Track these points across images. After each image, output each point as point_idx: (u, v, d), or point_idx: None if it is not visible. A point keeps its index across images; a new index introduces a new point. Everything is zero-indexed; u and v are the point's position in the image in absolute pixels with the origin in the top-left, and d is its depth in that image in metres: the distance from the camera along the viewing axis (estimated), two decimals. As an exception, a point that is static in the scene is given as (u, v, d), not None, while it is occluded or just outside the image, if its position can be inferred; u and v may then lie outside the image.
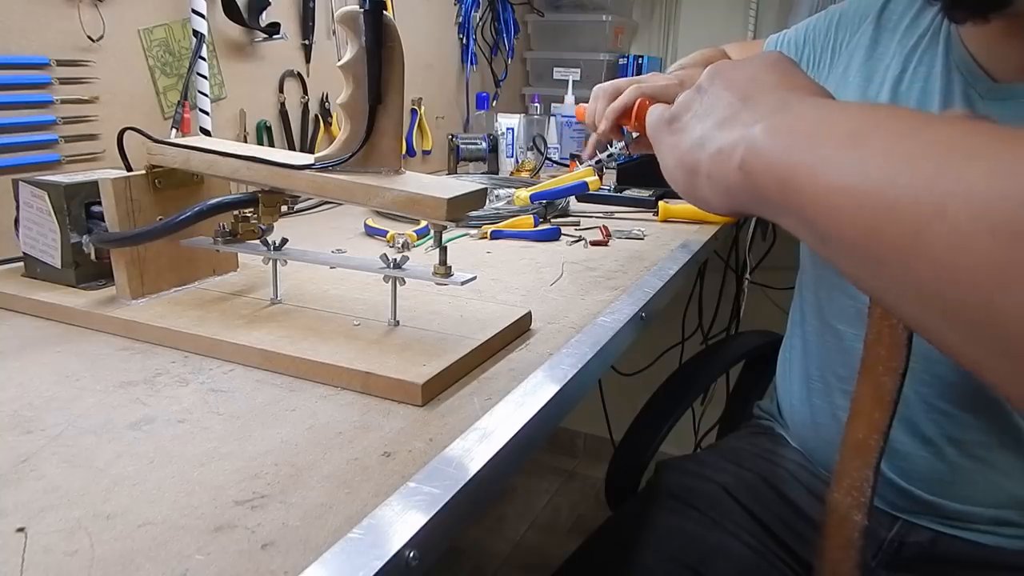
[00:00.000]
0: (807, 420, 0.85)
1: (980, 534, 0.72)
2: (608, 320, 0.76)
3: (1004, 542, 0.71)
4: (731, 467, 0.84)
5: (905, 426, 0.73)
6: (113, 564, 0.38)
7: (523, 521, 1.98)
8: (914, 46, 0.74)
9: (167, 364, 0.62)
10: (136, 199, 0.70)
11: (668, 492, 0.81)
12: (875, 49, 0.77)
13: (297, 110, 1.33)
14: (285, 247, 0.71)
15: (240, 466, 0.47)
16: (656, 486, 0.84)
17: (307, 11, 1.32)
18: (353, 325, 0.67)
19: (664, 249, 1.07)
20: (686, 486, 0.82)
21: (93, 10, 0.96)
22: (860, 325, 0.77)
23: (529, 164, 1.75)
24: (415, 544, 0.40)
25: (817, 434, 0.83)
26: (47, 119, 0.92)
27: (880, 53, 0.77)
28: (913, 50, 0.74)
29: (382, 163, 0.65)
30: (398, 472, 0.47)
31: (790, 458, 0.84)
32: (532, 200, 1.21)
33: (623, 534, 0.78)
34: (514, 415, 0.55)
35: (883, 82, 0.75)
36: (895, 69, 0.75)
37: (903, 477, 0.74)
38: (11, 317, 0.73)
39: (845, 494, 0.60)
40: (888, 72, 0.75)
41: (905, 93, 0.73)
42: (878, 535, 0.76)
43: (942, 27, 0.73)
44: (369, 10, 0.60)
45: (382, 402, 0.57)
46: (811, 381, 0.84)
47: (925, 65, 0.73)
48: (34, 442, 0.49)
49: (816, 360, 0.84)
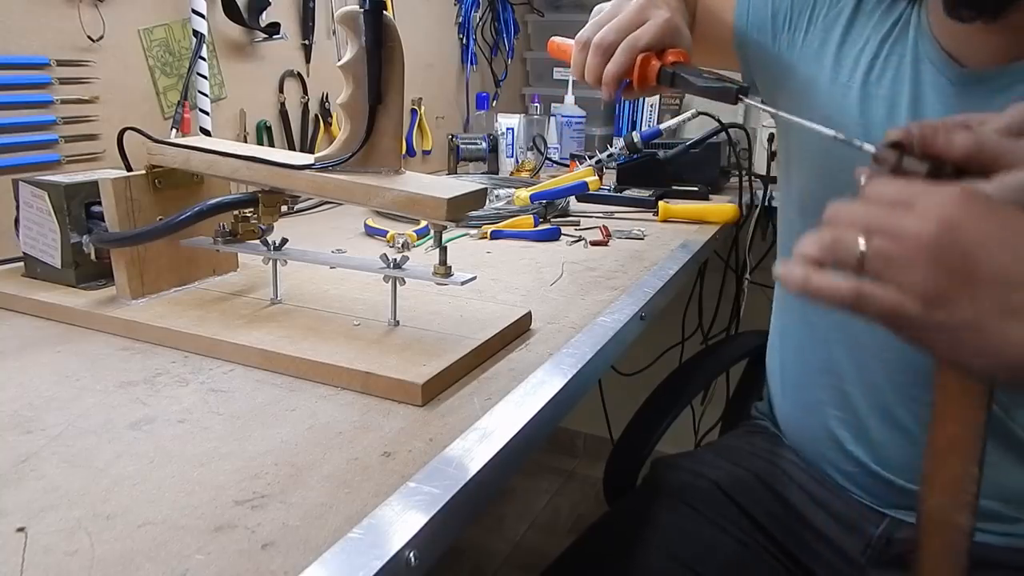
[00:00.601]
0: (793, 415, 0.85)
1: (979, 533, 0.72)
2: (608, 320, 0.76)
3: (991, 539, 0.71)
4: (727, 465, 0.84)
5: (879, 413, 0.74)
6: (113, 564, 0.38)
7: (523, 521, 1.98)
8: (887, 34, 0.74)
9: (167, 364, 0.62)
10: (136, 199, 0.70)
11: (663, 489, 0.82)
12: (850, 32, 0.76)
13: (297, 110, 1.33)
14: (285, 247, 0.71)
15: (240, 466, 0.47)
16: (652, 483, 0.85)
17: (307, 11, 1.32)
18: (353, 325, 0.67)
19: (664, 249, 1.07)
20: (681, 483, 0.82)
21: (93, 10, 0.96)
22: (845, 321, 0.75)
23: (529, 164, 1.75)
24: (415, 544, 0.40)
25: (803, 428, 0.83)
26: (47, 119, 0.92)
27: (854, 37, 0.76)
28: (885, 38, 0.74)
29: (382, 163, 0.65)
30: (398, 472, 0.47)
31: (784, 456, 0.85)
32: (532, 200, 1.21)
33: (618, 530, 0.78)
34: (514, 415, 0.55)
35: (855, 67, 0.74)
36: (868, 55, 0.74)
37: (883, 466, 0.74)
38: (11, 317, 0.73)
39: (941, 495, 0.54)
40: (861, 58, 0.74)
41: (875, 83, 0.73)
42: (866, 532, 0.76)
43: (912, 17, 0.73)
44: (369, 10, 0.60)
45: (382, 402, 0.57)
46: (793, 376, 0.85)
47: (896, 55, 0.72)
48: (34, 442, 0.49)
49: (795, 354, 0.85)
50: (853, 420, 0.77)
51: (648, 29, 0.67)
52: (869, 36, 0.75)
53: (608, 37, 0.68)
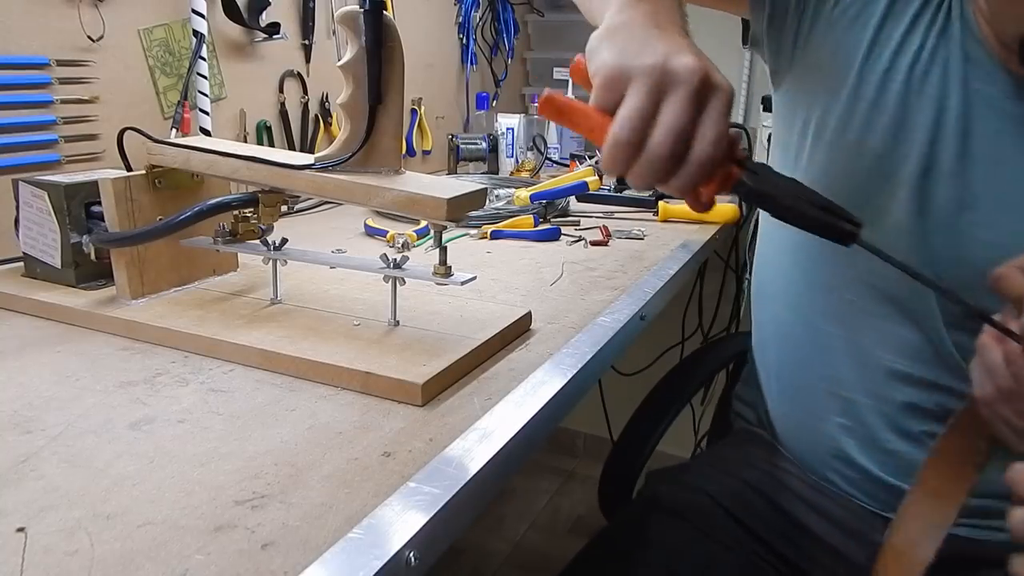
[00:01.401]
0: (791, 424, 0.83)
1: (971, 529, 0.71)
2: (608, 320, 0.76)
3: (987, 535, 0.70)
4: (723, 477, 0.82)
5: (888, 424, 0.73)
6: (113, 564, 0.38)
7: (523, 521, 1.98)
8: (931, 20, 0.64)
9: (167, 364, 0.62)
10: (136, 199, 0.70)
11: (660, 504, 0.80)
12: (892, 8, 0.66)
13: (297, 110, 1.33)
14: (285, 247, 0.71)
15: (240, 466, 0.47)
16: (648, 498, 0.82)
17: (307, 11, 1.32)
18: (353, 325, 0.67)
19: (664, 249, 1.07)
20: (678, 498, 0.80)
21: (93, 10, 0.96)
22: (846, 325, 0.74)
23: (529, 164, 1.75)
24: (415, 544, 0.40)
25: (802, 438, 0.81)
26: (47, 119, 0.92)
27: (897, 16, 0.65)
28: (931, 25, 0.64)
29: (382, 163, 0.65)
30: (398, 472, 0.47)
31: (781, 465, 0.83)
32: (532, 200, 1.21)
33: (616, 548, 0.76)
34: (514, 415, 0.55)
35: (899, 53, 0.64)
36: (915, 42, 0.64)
37: (893, 475, 0.73)
38: (11, 317, 0.73)
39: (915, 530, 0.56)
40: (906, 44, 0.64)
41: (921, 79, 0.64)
42: (870, 538, 0.74)
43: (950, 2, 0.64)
44: (369, 10, 0.60)
45: (382, 402, 0.57)
46: (792, 384, 0.82)
47: (944, 49, 0.63)
48: (34, 442, 0.49)
49: (795, 362, 0.81)
50: (860, 429, 0.74)
51: (717, 125, 0.47)
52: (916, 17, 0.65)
53: (664, 148, 0.46)
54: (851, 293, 0.73)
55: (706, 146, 0.47)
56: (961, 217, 0.65)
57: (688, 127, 0.47)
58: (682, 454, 1.42)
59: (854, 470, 0.75)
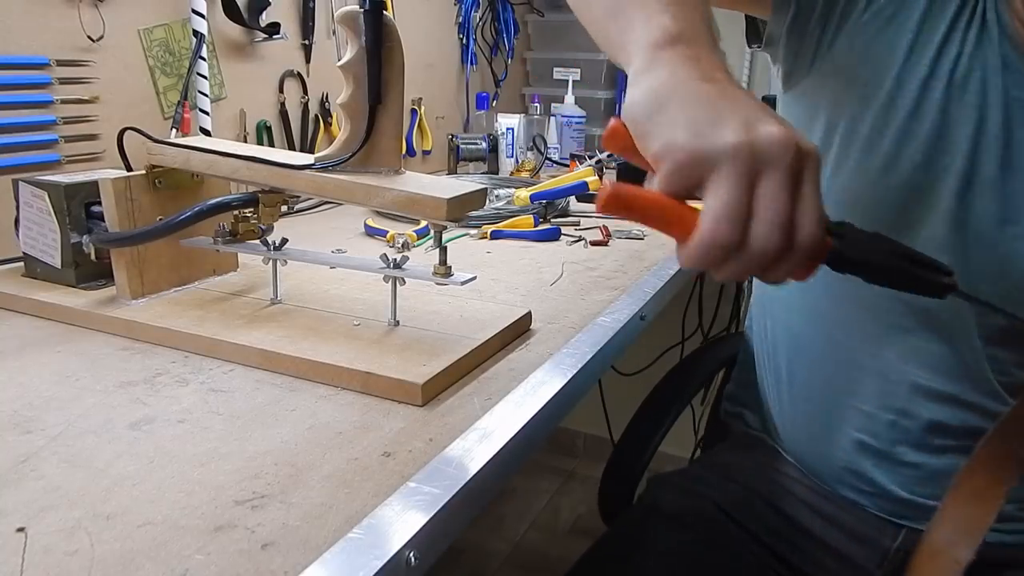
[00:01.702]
0: (802, 434, 0.80)
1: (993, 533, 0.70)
2: (608, 320, 0.76)
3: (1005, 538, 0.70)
4: (723, 483, 0.81)
5: (907, 439, 0.70)
6: (113, 564, 0.38)
7: (523, 521, 1.98)
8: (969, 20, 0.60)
9: (167, 364, 0.62)
10: (136, 199, 0.70)
11: (662, 511, 0.79)
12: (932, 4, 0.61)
13: (297, 110, 1.33)
14: (285, 247, 0.71)
15: (240, 466, 0.47)
16: (650, 504, 0.81)
17: (307, 11, 1.32)
18: (353, 325, 0.67)
19: (664, 249, 1.07)
20: (680, 504, 0.79)
21: (93, 10, 0.96)
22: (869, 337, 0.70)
23: (529, 164, 1.75)
24: (415, 544, 0.40)
25: (813, 448, 0.79)
26: (47, 119, 0.92)
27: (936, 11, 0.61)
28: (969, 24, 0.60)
29: (382, 163, 0.65)
30: (398, 472, 0.47)
31: (783, 471, 0.81)
32: (532, 200, 1.21)
33: (617, 555, 0.76)
34: (514, 415, 0.55)
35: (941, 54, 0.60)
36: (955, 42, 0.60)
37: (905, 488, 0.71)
38: (11, 317, 0.73)
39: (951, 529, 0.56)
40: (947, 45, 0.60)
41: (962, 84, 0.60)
42: (881, 544, 0.73)
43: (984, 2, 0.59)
44: (369, 10, 0.60)
45: (382, 402, 0.57)
46: (805, 393, 0.79)
47: (983, 52, 0.59)
48: (34, 442, 0.49)
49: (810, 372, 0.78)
50: (877, 444, 0.71)
51: (817, 202, 0.42)
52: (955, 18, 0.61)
53: (771, 244, 0.41)
54: (876, 305, 0.69)
55: (812, 229, 0.41)
56: (1003, 231, 0.61)
57: (792, 214, 0.41)
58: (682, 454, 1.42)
59: (866, 483, 0.73)
